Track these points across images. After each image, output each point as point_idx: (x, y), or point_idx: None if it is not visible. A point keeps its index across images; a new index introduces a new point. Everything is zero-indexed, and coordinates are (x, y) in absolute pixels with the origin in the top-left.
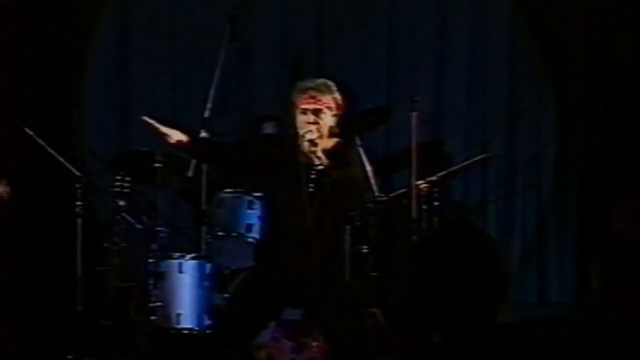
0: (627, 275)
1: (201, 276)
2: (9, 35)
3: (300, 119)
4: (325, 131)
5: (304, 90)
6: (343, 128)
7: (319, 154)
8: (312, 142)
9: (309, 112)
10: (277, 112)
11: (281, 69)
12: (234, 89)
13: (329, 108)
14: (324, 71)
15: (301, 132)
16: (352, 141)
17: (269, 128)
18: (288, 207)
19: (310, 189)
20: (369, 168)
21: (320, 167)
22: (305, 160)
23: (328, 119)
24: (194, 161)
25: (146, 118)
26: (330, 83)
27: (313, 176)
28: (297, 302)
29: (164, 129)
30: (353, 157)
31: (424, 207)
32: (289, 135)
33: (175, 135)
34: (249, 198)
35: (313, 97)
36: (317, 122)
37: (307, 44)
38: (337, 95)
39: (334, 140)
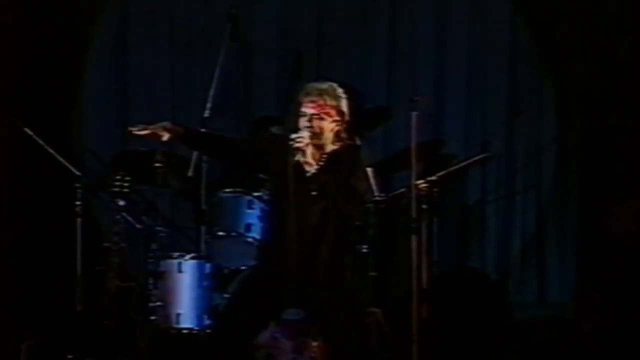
0: (627, 276)
1: (201, 276)
2: (9, 35)
3: (300, 121)
4: (323, 136)
5: (307, 93)
6: (350, 133)
7: (308, 160)
8: (299, 150)
9: (306, 116)
10: (277, 112)
11: (281, 69)
12: (234, 89)
13: (328, 114)
14: (324, 71)
15: (292, 135)
16: (356, 145)
17: (277, 132)
18: (289, 208)
19: (313, 192)
20: (369, 168)
21: (310, 174)
22: (303, 161)
23: (326, 125)
24: (193, 161)
25: (131, 129)
26: (337, 89)
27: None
28: (297, 303)
29: (152, 127)
30: (359, 161)
31: (424, 207)
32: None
33: (168, 129)
34: (248, 198)
35: (314, 102)
36: (312, 126)
37: (307, 44)
38: (342, 102)
39: (340, 144)
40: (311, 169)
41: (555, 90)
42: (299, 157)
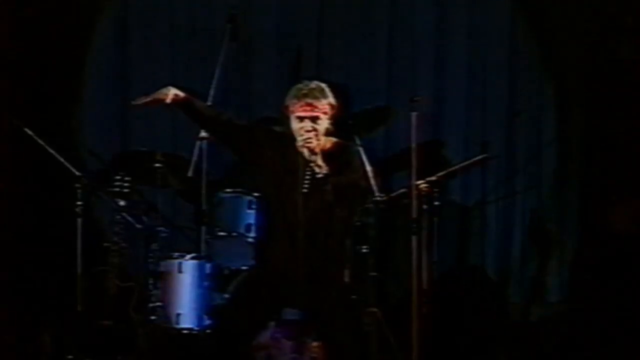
0: (626, 275)
1: (201, 276)
2: (9, 34)
3: (297, 125)
4: (321, 134)
5: (299, 97)
6: (339, 126)
7: (319, 162)
8: (312, 151)
9: (306, 120)
10: (277, 112)
11: (281, 69)
12: (234, 88)
13: (325, 113)
14: (324, 70)
15: (300, 139)
16: (351, 142)
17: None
18: (286, 207)
19: (304, 190)
20: (369, 168)
21: (320, 176)
22: (303, 161)
23: (324, 123)
24: (194, 161)
25: (134, 102)
26: (324, 86)
27: (307, 180)
28: (295, 303)
29: (154, 95)
30: (353, 159)
31: (424, 207)
32: (289, 134)
33: (170, 93)
34: (248, 198)
35: (309, 105)
36: (315, 128)
37: (307, 44)
38: (332, 99)
39: (331, 140)
40: (321, 170)
41: (555, 90)
42: (312, 158)
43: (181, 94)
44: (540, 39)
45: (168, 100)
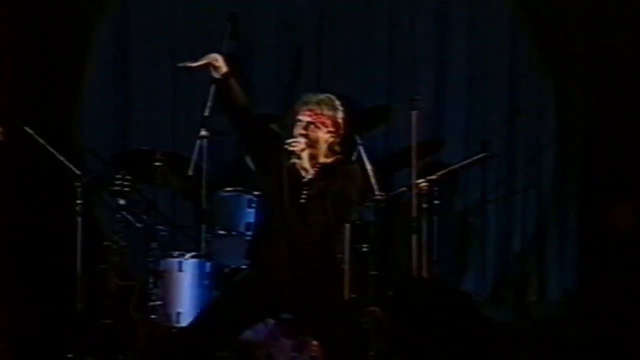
0: (627, 275)
1: (201, 275)
2: (10, 34)
3: (295, 129)
4: (318, 145)
5: (305, 103)
6: (344, 147)
7: (305, 165)
8: (295, 154)
9: (302, 124)
10: (278, 111)
11: (281, 68)
12: None
13: (324, 124)
14: (324, 70)
15: (288, 140)
16: (349, 159)
17: (275, 130)
18: (277, 208)
19: (291, 192)
20: (369, 167)
21: (305, 179)
22: (292, 164)
23: (322, 135)
24: (194, 160)
25: (181, 64)
26: (335, 100)
27: (293, 183)
28: (287, 304)
29: (204, 58)
30: (354, 173)
31: (424, 206)
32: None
33: (219, 60)
34: (248, 197)
35: (310, 110)
36: (307, 135)
37: (307, 44)
38: (339, 114)
39: (334, 157)
40: (307, 175)
41: (555, 90)
42: (295, 160)
43: (225, 67)
44: (540, 39)
45: (218, 64)
